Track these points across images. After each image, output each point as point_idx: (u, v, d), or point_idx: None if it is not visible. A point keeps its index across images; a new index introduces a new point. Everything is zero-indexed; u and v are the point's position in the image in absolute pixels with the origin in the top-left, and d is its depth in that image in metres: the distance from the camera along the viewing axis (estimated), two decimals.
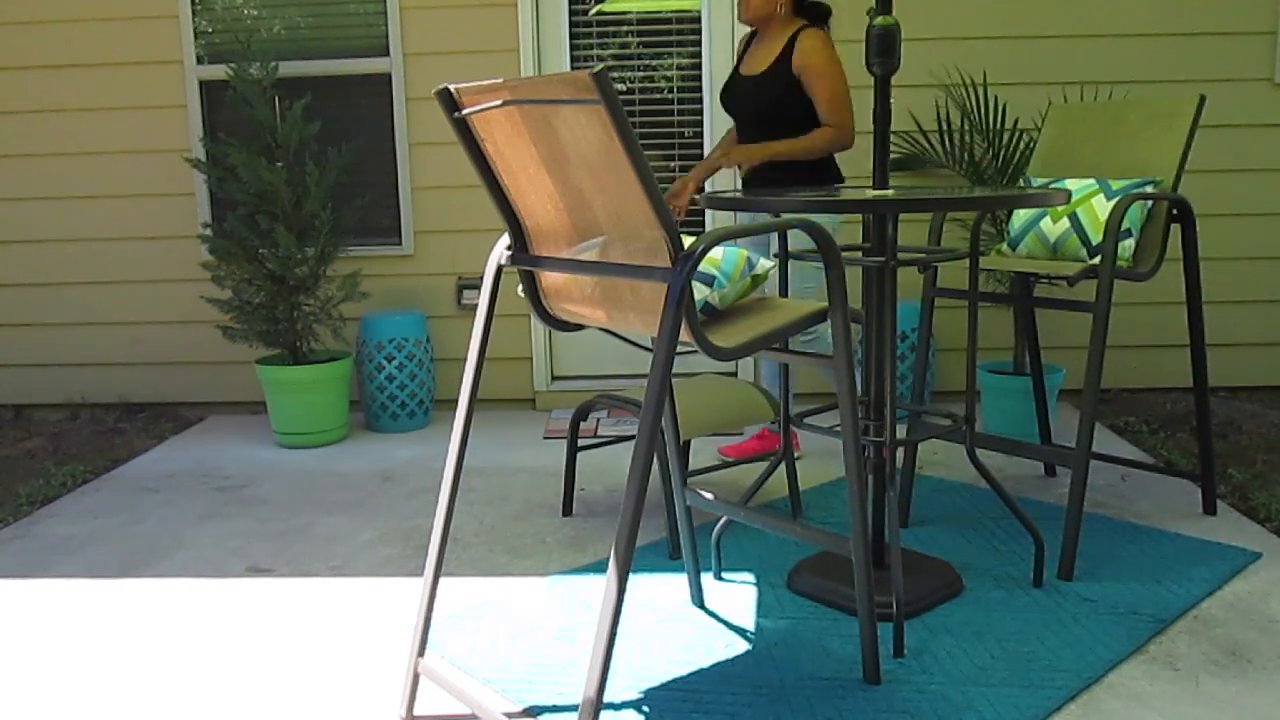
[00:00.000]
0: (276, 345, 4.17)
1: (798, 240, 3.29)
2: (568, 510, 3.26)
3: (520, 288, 2.09)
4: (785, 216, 2.29)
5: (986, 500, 3.26)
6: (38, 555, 3.05)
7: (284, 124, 4.02)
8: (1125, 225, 2.85)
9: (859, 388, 3.16)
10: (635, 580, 2.73)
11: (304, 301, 4.15)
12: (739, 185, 3.51)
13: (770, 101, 3.29)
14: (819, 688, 2.17)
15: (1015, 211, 3.13)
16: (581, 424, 3.40)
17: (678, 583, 2.71)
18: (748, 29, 3.75)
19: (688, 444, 3.04)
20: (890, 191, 2.40)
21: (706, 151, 4.49)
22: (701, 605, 2.57)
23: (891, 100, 2.93)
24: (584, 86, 1.62)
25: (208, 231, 4.29)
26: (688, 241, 1.73)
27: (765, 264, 2.10)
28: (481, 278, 4.56)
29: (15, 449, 4.22)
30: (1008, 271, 3.35)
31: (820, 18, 3.37)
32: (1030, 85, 4.35)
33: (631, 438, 3.93)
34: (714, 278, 1.97)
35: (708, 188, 4.52)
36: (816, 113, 3.26)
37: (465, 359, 4.16)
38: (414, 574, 2.84)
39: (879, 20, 2.48)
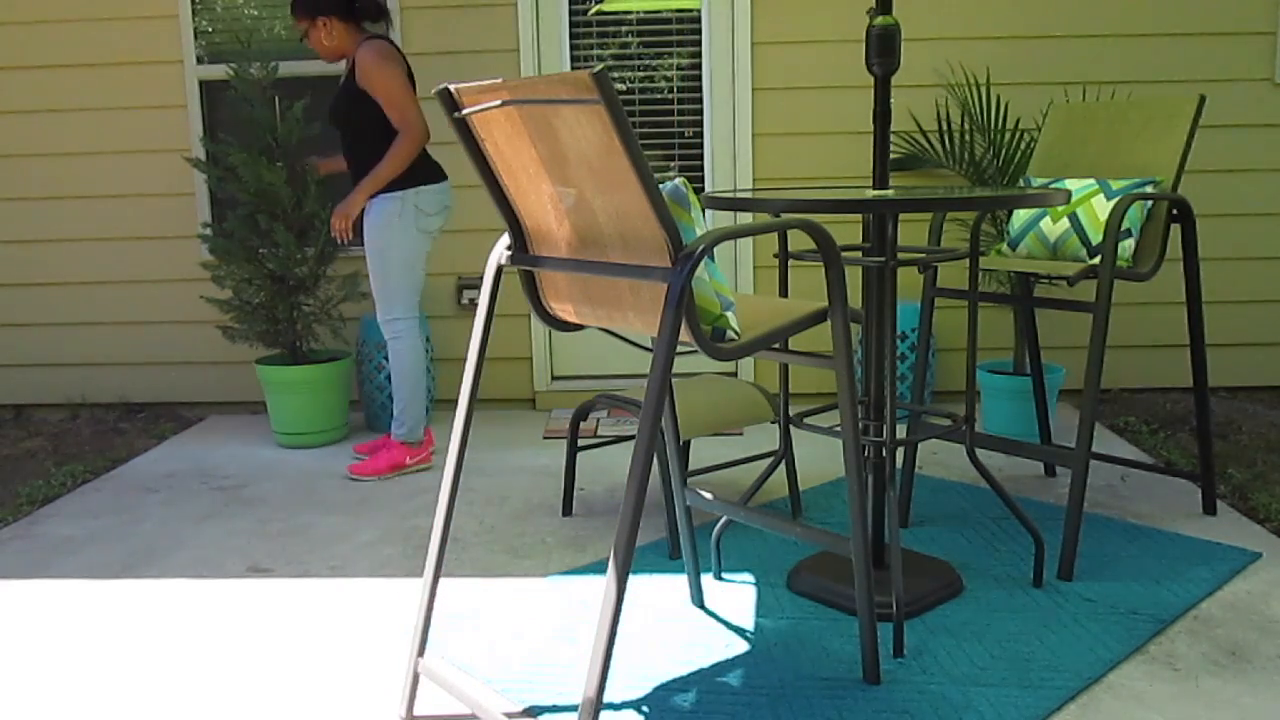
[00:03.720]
0: (276, 345, 4.16)
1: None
2: (568, 510, 3.26)
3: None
4: (785, 216, 2.29)
5: (986, 500, 3.26)
6: (38, 555, 3.05)
7: (284, 124, 4.01)
8: (1125, 225, 2.85)
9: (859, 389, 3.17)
10: (635, 580, 2.73)
11: (304, 301, 4.14)
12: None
13: (346, 117, 3.59)
14: (819, 688, 2.17)
15: (1015, 211, 3.13)
16: (581, 424, 3.40)
17: (678, 583, 2.71)
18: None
19: (688, 444, 3.04)
20: (890, 191, 2.40)
21: (707, 152, 4.49)
22: (701, 605, 2.57)
23: (891, 100, 2.93)
24: (584, 86, 1.62)
25: (207, 231, 4.29)
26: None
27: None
28: (481, 278, 4.56)
29: (15, 449, 4.22)
30: (1008, 271, 3.35)
31: (372, 14, 3.61)
32: (1031, 85, 4.35)
33: (631, 438, 3.93)
34: (730, 303, 1.95)
35: (707, 186, 4.53)
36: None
37: (465, 359, 4.16)
38: (414, 574, 2.84)
39: (879, 20, 2.48)
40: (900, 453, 3.18)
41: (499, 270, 2.07)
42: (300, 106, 4.05)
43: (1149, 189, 2.85)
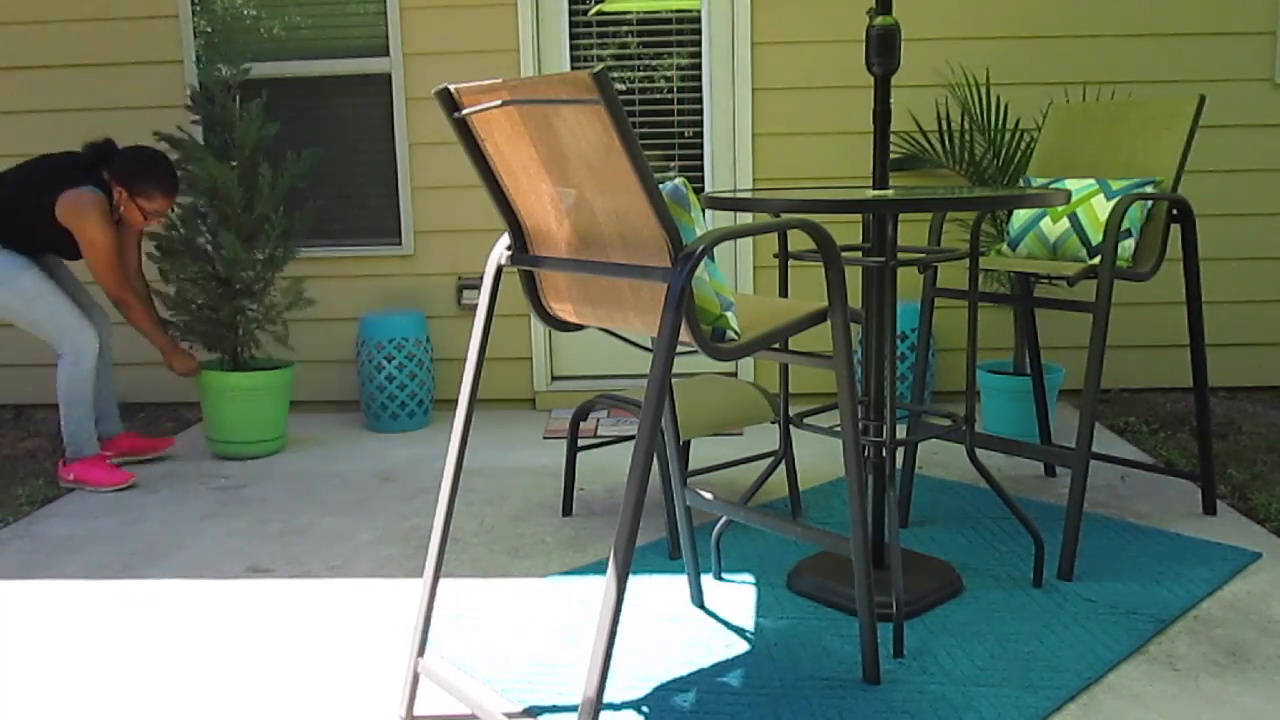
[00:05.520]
0: (218, 349, 4.00)
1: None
2: (568, 510, 3.26)
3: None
4: (785, 216, 2.29)
5: (986, 500, 3.26)
6: (38, 555, 3.05)
7: (241, 123, 3.85)
8: (1125, 225, 2.85)
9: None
10: (635, 580, 2.73)
11: (248, 306, 3.97)
12: None
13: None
14: (819, 688, 2.17)
15: (1015, 211, 3.13)
16: (581, 424, 3.40)
17: (678, 583, 2.71)
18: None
19: (688, 444, 3.04)
20: (890, 191, 2.40)
21: (707, 152, 4.49)
22: (701, 605, 2.57)
23: (891, 100, 2.94)
24: (584, 86, 1.62)
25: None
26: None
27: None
28: (481, 278, 4.56)
29: (15, 449, 4.22)
30: (1008, 271, 3.36)
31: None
32: (1031, 85, 4.35)
33: (631, 438, 3.93)
34: (730, 303, 1.95)
35: (707, 186, 4.53)
36: None
37: (465, 359, 4.16)
38: (414, 574, 2.84)
39: (879, 20, 2.48)
40: (900, 453, 3.18)
41: (499, 270, 2.07)
42: (259, 106, 3.92)
43: (1149, 189, 2.85)
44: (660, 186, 1.79)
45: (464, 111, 1.91)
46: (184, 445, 4.20)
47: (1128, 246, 2.86)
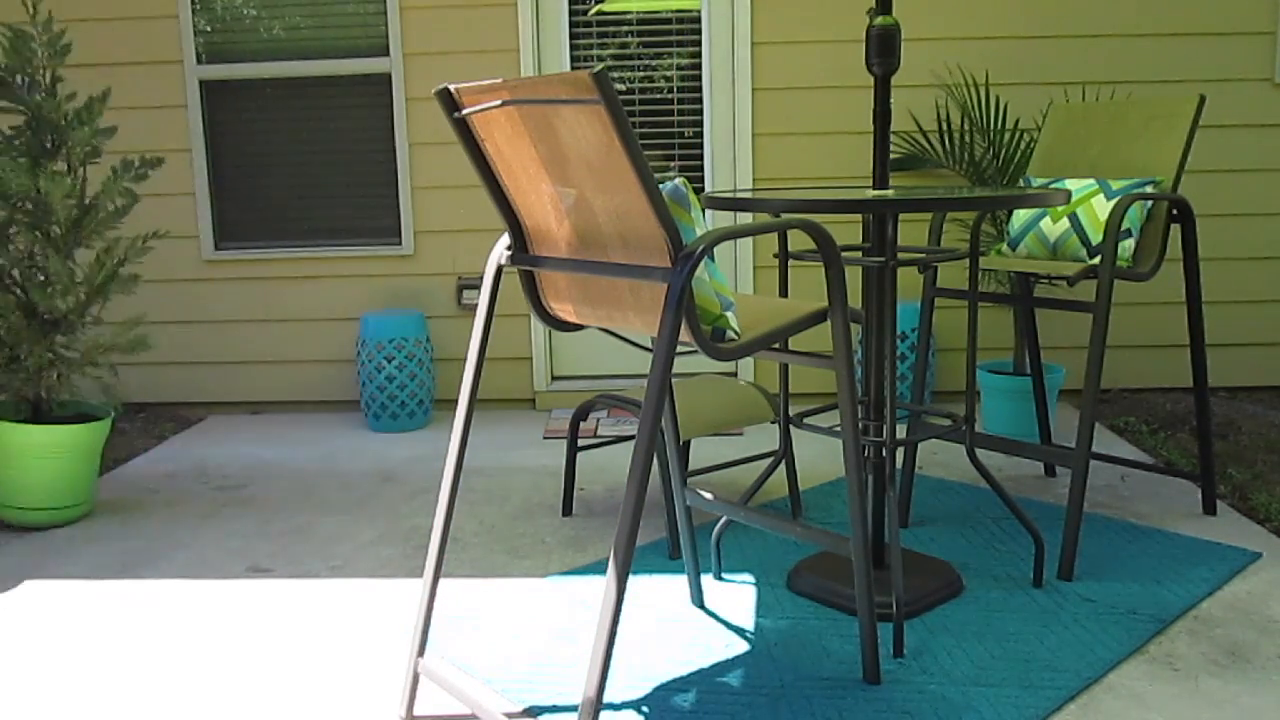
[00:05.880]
0: (8, 393, 3.28)
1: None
2: (568, 510, 3.26)
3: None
4: (785, 216, 2.29)
5: (986, 500, 3.26)
6: (37, 555, 3.05)
7: (83, 123, 3.22)
8: (1125, 225, 2.85)
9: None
10: (635, 580, 2.73)
11: (63, 344, 3.27)
12: None
13: None
14: (819, 688, 2.17)
15: (1015, 211, 3.13)
16: (581, 424, 3.40)
17: (678, 583, 2.71)
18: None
19: (688, 444, 3.04)
20: (890, 191, 2.40)
21: (707, 152, 4.49)
22: (701, 605, 2.57)
23: (891, 100, 2.94)
24: (584, 86, 1.62)
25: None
26: None
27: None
28: (481, 278, 4.56)
29: None
30: (1008, 271, 3.36)
31: None
32: (1031, 85, 4.35)
33: (631, 438, 3.93)
34: (730, 303, 1.95)
35: (708, 186, 4.53)
36: None
37: (465, 359, 4.16)
38: (414, 574, 2.84)
39: (879, 20, 2.48)
40: (900, 453, 3.18)
41: (499, 270, 2.07)
42: (98, 103, 3.28)
43: (1149, 189, 2.85)
44: (660, 186, 1.79)
45: (464, 111, 1.91)
46: (180, 447, 4.20)
47: (1128, 246, 2.86)
